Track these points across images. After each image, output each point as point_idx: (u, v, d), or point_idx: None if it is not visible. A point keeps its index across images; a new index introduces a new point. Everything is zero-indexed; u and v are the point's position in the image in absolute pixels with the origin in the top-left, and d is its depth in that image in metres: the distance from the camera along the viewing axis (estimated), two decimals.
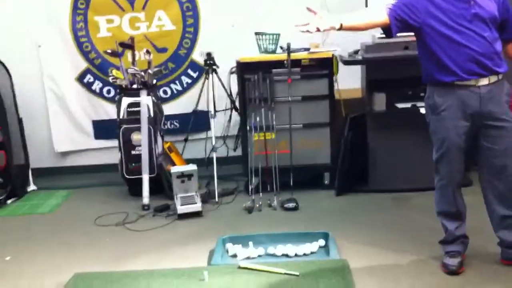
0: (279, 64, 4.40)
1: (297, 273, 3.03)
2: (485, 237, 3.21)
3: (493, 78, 2.81)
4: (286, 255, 3.36)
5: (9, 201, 4.76)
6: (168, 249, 3.61)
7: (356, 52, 4.48)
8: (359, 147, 4.40)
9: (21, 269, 3.45)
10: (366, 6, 4.41)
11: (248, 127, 4.49)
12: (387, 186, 4.38)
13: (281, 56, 4.43)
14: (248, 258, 3.34)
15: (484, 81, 2.80)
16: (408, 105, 4.31)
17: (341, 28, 2.73)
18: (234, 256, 3.38)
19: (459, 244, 3.07)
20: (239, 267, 3.17)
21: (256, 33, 4.59)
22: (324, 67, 4.45)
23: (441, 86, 2.87)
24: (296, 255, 3.35)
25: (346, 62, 4.43)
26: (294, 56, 4.38)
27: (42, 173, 5.25)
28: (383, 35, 4.19)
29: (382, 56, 4.26)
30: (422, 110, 4.18)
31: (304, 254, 3.36)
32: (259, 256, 3.37)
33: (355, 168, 4.46)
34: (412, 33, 2.96)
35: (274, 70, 4.43)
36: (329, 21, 2.69)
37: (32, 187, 5.09)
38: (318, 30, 2.63)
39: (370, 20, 2.84)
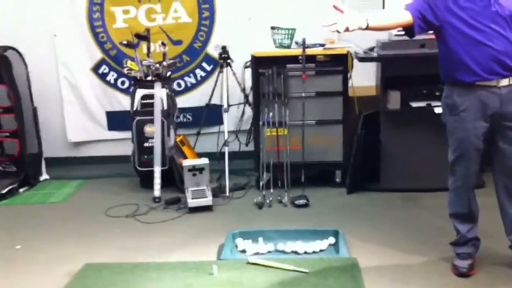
0: (294, 59, 4.38)
1: (306, 270, 3.03)
2: (497, 240, 3.19)
3: None
4: (296, 252, 3.36)
5: (21, 190, 4.80)
6: (178, 242, 3.62)
7: (371, 49, 4.45)
8: (372, 145, 4.38)
9: (31, 257, 3.48)
10: (383, 4, 4.37)
11: (261, 122, 4.48)
12: (398, 185, 4.36)
13: (296, 51, 4.41)
14: (257, 253, 3.34)
15: (505, 82, 2.75)
16: (423, 104, 4.27)
17: (367, 27, 2.71)
18: (244, 251, 3.39)
19: (471, 246, 3.04)
20: (248, 263, 3.17)
21: (272, 28, 4.57)
22: (338, 64, 4.42)
23: (461, 86, 2.83)
24: (305, 252, 3.35)
25: (361, 59, 4.40)
26: (309, 51, 4.36)
27: (55, 163, 5.27)
28: (400, 33, 4.18)
29: (397, 54, 4.22)
30: (437, 110, 4.17)
31: (314, 252, 3.35)
32: (269, 252, 3.36)
33: (367, 167, 4.43)
34: (430, 31, 2.93)
35: (288, 65, 4.41)
36: (357, 20, 2.67)
37: (44, 176, 5.12)
38: (347, 29, 2.62)
39: (395, 20, 2.82)
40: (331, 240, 3.45)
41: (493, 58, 2.71)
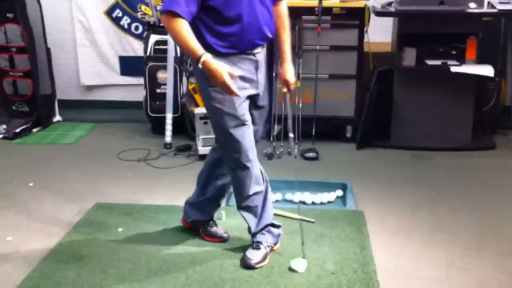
0: (309, 11, 4.33)
1: (313, 220, 3.08)
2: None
3: None
4: (303, 202, 3.40)
5: (34, 130, 4.86)
6: (187, 187, 3.62)
7: (389, 4, 4.38)
8: (384, 102, 4.36)
9: (43, 195, 3.55)
10: None
11: (274, 74, 4.46)
12: (408, 143, 4.36)
13: (312, 2, 4.35)
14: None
15: None
16: (439, 62, 4.23)
17: None
18: None
19: None
20: None
21: None
22: (355, 17, 4.36)
23: None
24: (313, 203, 3.39)
25: (379, 13, 4.34)
26: (325, 3, 4.30)
27: (67, 105, 5.30)
28: None
29: (416, 10, 4.17)
30: (453, 69, 4.15)
31: (321, 203, 3.40)
32: (277, 201, 3.41)
33: (378, 123, 4.43)
34: None
35: (304, 17, 4.36)
36: None
37: (57, 117, 5.16)
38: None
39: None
40: (339, 192, 3.49)
41: None
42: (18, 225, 3.14)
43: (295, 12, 4.33)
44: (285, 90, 2.76)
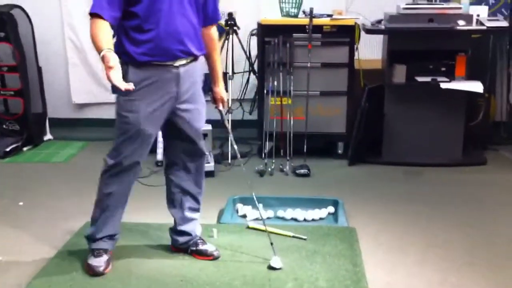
0: (300, 28, 4.36)
1: (305, 237, 3.07)
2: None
3: None
4: (295, 219, 3.40)
5: (25, 149, 4.85)
6: None
7: (379, 21, 4.43)
8: (375, 119, 4.39)
9: (33, 214, 3.53)
10: None
11: (265, 91, 4.48)
12: (400, 159, 4.38)
13: (303, 20, 4.39)
14: (257, 219, 3.37)
15: None
16: (428, 79, 4.27)
17: None
18: (244, 216, 3.42)
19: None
20: (248, 227, 3.21)
21: None
22: (345, 35, 4.40)
23: None
24: (305, 219, 3.39)
25: (369, 31, 4.38)
26: (316, 21, 4.34)
27: (58, 123, 5.29)
28: (409, 6, 4.15)
29: (405, 27, 4.21)
30: (443, 85, 4.18)
31: (313, 220, 3.39)
32: (268, 218, 3.39)
33: (370, 139, 4.45)
34: (440, 5, 2.90)
35: (295, 35, 4.39)
36: None
37: (48, 136, 5.15)
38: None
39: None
40: (331, 209, 3.49)
41: None
42: (8, 245, 3.11)
43: (286, 30, 4.39)
44: (220, 108, 3.02)
